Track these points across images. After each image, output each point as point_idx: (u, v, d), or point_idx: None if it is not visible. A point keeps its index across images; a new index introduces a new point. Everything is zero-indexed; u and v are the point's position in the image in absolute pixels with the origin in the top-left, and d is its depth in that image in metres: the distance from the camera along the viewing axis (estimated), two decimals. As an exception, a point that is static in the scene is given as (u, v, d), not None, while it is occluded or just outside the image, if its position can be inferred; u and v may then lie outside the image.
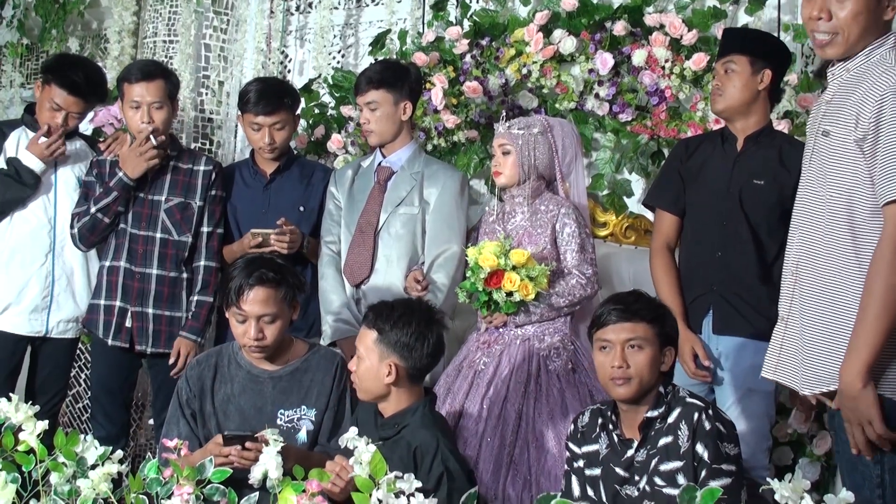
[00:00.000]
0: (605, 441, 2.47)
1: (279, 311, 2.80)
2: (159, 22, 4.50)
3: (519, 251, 2.99)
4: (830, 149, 2.21)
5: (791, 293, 2.30)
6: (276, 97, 3.51)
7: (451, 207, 3.31)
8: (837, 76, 2.27)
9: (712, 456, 2.31)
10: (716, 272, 3.00)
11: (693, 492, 1.79)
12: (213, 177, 3.50)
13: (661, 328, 2.45)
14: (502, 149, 3.17)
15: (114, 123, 4.21)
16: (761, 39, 3.10)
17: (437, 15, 4.09)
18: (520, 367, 3.00)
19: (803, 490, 1.82)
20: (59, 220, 3.48)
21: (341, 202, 3.43)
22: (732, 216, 3.01)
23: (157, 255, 3.43)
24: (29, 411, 2.16)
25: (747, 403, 2.92)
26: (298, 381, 2.85)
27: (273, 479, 1.98)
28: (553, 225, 3.11)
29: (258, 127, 3.49)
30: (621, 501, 2.40)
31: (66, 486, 2.06)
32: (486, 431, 2.93)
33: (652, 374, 2.42)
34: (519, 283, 2.95)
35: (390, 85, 3.34)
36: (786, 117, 3.51)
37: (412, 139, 3.45)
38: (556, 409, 2.95)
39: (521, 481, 2.87)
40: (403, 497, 1.88)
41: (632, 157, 3.76)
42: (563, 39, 3.80)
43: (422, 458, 2.48)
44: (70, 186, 3.52)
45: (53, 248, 3.47)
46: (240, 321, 2.80)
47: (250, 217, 3.53)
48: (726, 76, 3.00)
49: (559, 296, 3.04)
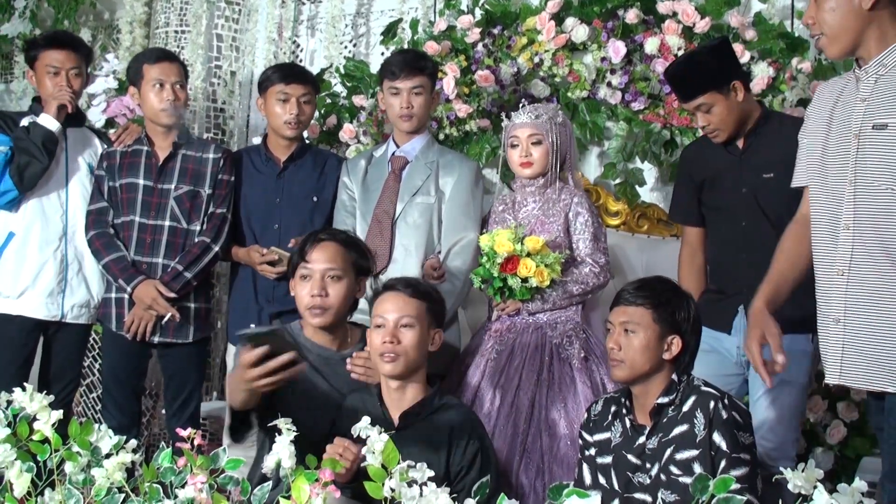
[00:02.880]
0: (618, 429, 2.48)
1: (344, 272, 2.74)
2: (171, 12, 4.51)
3: (533, 238, 2.99)
4: (891, 141, 2.19)
5: (843, 293, 2.24)
6: (303, 71, 3.61)
7: (467, 196, 3.30)
8: (872, 73, 2.25)
9: (730, 445, 2.31)
10: (743, 274, 2.96)
11: (706, 481, 1.79)
12: (222, 163, 3.50)
13: (663, 314, 2.43)
14: (532, 139, 3.11)
15: (126, 114, 4.22)
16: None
17: (448, 4, 4.08)
18: (532, 355, 3.00)
19: (816, 479, 1.81)
20: (71, 205, 3.50)
21: (355, 192, 3.42)
22: (750, 215, 3.00)
23: (164, 244, 3.42)
24: (44, 401, 2.18)
25: (778, 394, 2.90)
26: None
27: (286, 469, 1.99)
28: (566, 213, 3.10)
29: (286, 97, 3.47)
30: (633, 489, 2.40)
31: (81, 476, 2.07)
32: (498, 420, 2.93)
33: (645, 359, 2.41)
34: (534, 269, 2.95)
35: (431, 72, 3.37)
36: (800, 104, 3.49)
37: (426, 128, 3.45)
38: (569, 396, 2.94)
39: (535, 469, 2.87)
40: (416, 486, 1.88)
41: (644, 145, 3.74)
42: (575, 28, 3.79)
43: (458, 437, 2.51)
44: (81, 172, 3.53)
45: (66, 233, 3.48)
46: (304, 278, 2.74)
47: (262, 206, 3.51)
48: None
49: (574, 283, 3.04)
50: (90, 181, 3.53)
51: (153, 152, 3.49)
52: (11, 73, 5.26)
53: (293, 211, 3.49)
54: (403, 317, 2.59)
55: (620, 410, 2.50)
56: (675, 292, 2.52)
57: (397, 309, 2.60)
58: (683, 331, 2.46)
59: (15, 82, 5.18)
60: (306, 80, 3.53)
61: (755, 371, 2.65)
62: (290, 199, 3.50)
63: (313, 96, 3.56)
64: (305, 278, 2.74)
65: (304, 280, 2.74)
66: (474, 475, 2.45)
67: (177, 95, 3.44)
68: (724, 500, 1.72)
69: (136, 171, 3.47)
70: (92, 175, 3.54)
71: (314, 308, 2.72)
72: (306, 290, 2.73)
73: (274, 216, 3.49)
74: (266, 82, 3.52)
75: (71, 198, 3.51)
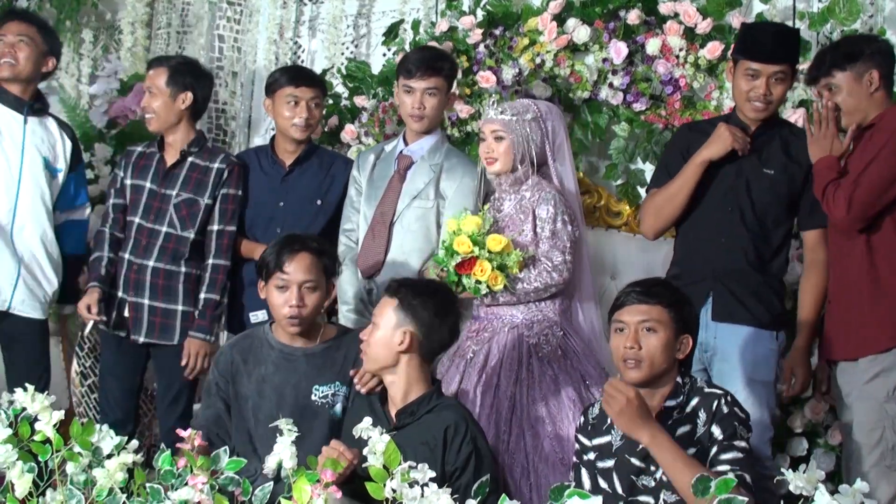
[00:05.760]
0: (618, 432, 2.44)
1: (319, 282, 2.82)
2: (172, 13, 4.51)
3: (496, 237, 2.97)
4: None
5: None
6: (312, 74, 3.63)
7: (469, 202, 3.28)
8: None
9: (725, 435, 2.31)
10: (717, 257, 2.99)
11: (707, 482, 1.79)
12: (225, 175, 3.47)
13: (678, 313, 2.42)
14: (494, 134, 3.09)
15: (128, 115, 4.23)
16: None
17: (450, 4, 4.08)
18: (509, 354, 2.99)
19: (818, 480, 1.81)
20: (22, 198, 3.45)
21: (363, 187, 3.41)
22: (739, 203, 3.01)
23: (157, 247, 3.43)
24: (45, 401, 2.18)
25: (748, 393, 2.91)
26: (332, 357, 2.85)
27: (287, 469, 1.99)
28: (534, 210, 3.07)
29: (296, 100, 3.46)
30: (637, 492, 2.39)
31: (82, 476, 2.07)
32: (479, 420, 2.93)
33: (664, 359, 2.39)
34: (489, 273, 2.94)
35: (448, 73, 3.34)
36: (801, 106, 3.49)
37: (438, 129, 3.43)
38: (550, 394, 2.93)
39: (520, 469, 2.86)
40: (417, 487, 1.88)
41: (646, 146, 3.74)
42: (576, 29, 3.78)
43: (452, 438, 2.51)
44: (36, 165, 3.47)
45: (13, 226, 3.43)
46: (280, 289, 2.80)
47: (266, 208, 3.51)
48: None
49: (524, 282, 3.01)
50: (45, 176, 3.48)
51: (162, 157, 3.50)
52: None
53: (296, 214, 3.49)
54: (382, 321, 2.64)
55: None
56: (681, 292, 2.52)
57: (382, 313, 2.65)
58: (692, 330, 2.47)
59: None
60: (316, 83, 3.53)
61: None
62: (293, 201, 3.50)
63: (322, 99, 3.55)
64: (282, 288, 2.80)
65: (280, 290, 2.80)
66: (468, 477, 2.46)
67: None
68: (725, 501, 1.73)
69: (146, 173, 3.48)
70: (47, 170, 3.49)
71: (292, 318, 2.79)
72: (283, 300, 2.79)
73: (276, 219, 3.49)
74: (274, 84, 3.50)
75: (22, 191, 3.45)
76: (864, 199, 2.80)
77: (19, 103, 3.48)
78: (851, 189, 2.81)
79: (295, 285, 2.78)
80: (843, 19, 3.54)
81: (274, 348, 2.86)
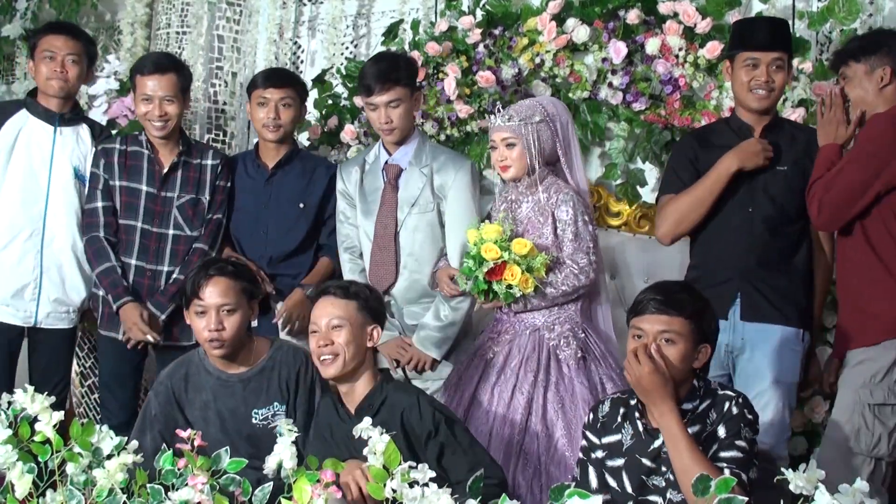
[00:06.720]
0: (628, 431, 2.44)
1: (238, 304, 2.87)
2: (172, 13, 4.51)
3: (521, 241, 2.97)
4: None
5: None
6: (285, 75, 3.65)
7: (467, 196, 3.28)
8: None
9: (729, 434, 2.31)
10: (740, 258, 2.99)
11: (707, 481, 1.79)
12: (220, 169, 3.52)
13: (699, 324, 2.38)
14: (505, 142, 3.08)
15: (127, 115, 4.23)
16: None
17: (449, 4, 4.08)
18: (530, 356, 3.00)
19: (818, 480, 1.81)
20: (51, 210, 3.45)
21: (355, 200, 3.38)
22: (757, 202, 3.02)
23: (169, 251, 3.44)
24: (45, 402, 2.18)
25: (773, 394, 2.91)
26: (267, 378, 2.90)
27: (287, 469, 1.99)
28: (553, 212, 3.07)
29: (264, 101, 3.49)
30: (647, 492, 2.38)
31: (82, 476, 2.07)
32: (495, 420, 2.93)
33: (681, 370, 2.36)
34: (519, 276, 2.94)
35: (407, 80, 3.29)
36: (800, 105, 3.49)
37: (415, 130, 3.41)
38: (567, 397, 2.94)
39: (531, 470, 2.87)
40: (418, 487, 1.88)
41: (645, 146, 3.74)
42: (576, 28, 3.78)
43: (409, 415, 2.56)
44: (66, 176, 3.47)
45: (44, 239, 3.44)
46: (199, 314, 2.85)
47: (250, 211, 3.54)
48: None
49: (552, 286, 3.01)
50: (75, 185, 3.48)
51: (156, 159, 3.49)
52: (13, 75, 5.26)
53: (279, 217, 3.52)
54: (333, 318, 2.67)
55: (631, 413, 2.45)
56: (703, 299, 2.47)
57: (327, 314, 2.68)
58: (711, 339, 2.44)
59: (16, 83, 5.17)
60: (285, 84, 3.53)
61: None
62: (276, 204, 3.52)
63: (295, 100, 3.54)
64: (201, 314, 2.85)
65: (199, 315, 2.86)
66: (445, 430, 2.54)
67: (164, 112, 3.41)
68: (726, 501, 1.73)
69: (139, 176, 3.46)
70: (77, 178, 3.49)
71: (213, 342, 2.84)
72: (203, 325, 2.85)
73: (261, 222, 3.51)
74: (250, 86, 3.58)
75: (51, 203, 3.46)
76: (834, 201, 2.83)
77: (50, 115, 3.49)
78: (823, 192, 2.84)
79: (213, 310, 2.83)
80: (842, 19, 3.55)
81: (211, 374, 2.92)
